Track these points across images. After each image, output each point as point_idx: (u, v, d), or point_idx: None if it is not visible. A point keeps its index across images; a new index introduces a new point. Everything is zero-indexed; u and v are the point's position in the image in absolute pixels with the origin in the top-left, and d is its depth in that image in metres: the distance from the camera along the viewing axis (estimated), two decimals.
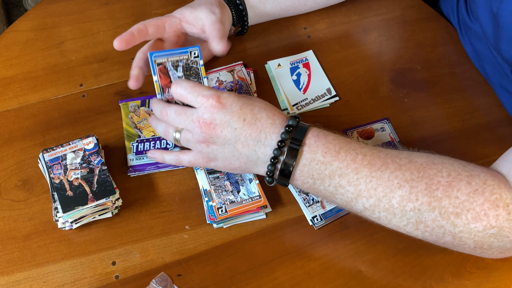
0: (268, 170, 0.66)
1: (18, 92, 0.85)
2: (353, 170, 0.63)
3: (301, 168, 0.65)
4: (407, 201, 0.61)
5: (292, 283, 0.70)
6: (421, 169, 0.62)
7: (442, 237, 0.63)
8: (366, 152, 0.63)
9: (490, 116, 0.84)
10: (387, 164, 0.62)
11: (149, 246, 0.72)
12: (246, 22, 0.86)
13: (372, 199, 0.63)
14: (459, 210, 0.60)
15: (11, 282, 0.69)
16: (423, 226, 0.62)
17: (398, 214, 0.62)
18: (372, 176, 0.62)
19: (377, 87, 0.87)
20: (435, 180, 0.61)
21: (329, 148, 0.64)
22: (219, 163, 0.69)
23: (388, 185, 0.62)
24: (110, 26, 0.92)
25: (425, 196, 0.61)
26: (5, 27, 1.82)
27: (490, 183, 0.61)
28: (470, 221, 0.60)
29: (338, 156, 0.63)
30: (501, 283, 0.71)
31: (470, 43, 0.90)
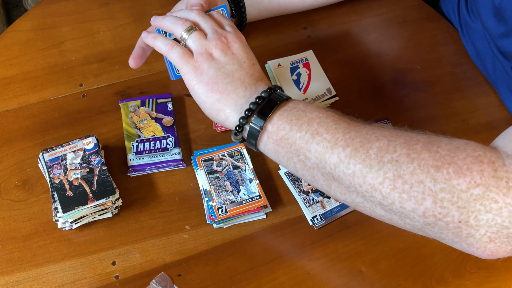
0: (247, 109, 0.64)
1: (18, 92, 0.85)
2: (333, 121, 0.62)
3: (281, 113, 0.63)
4: (385, 151, 0.58)
5: (292, 283, 0.70)
6: (400, 132, 0.60)
7: (421, 199, 0.56)
8: (345, 116, 0.64)
9: (490, 116, 0.84)
10: (366, 125, 0.62)
11: (149, 246, 0.72)
12: (244, 14, 0.86)
13: (348, 149, 0.59)
14: (439, 163, 0.55)
15: (11, 282, 0.69)
16: (401, 183, 0.56)
17: (375, 166, 0.58)
18: (350, 129, 0.61)
19: (377, 87, 0.87)
20: (414, 139, 0.58)
21: (311, 104, 0.65)
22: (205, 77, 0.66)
23: (366, 137, 0.60)
24: (110, 26, 0.92)
25: (403, 148, 0.57)
26: (5, 27, 1.82)
27: (472, 144, 0.57)
28: (452, 176, 0.54)
29: (318, 110, 0.63)
30: (501, 283, 0.71)
31: (471, 42, 0.90)
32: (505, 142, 0.59)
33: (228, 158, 0.77)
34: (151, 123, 0.80)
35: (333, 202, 0.76)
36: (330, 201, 0.76)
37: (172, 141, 0.79)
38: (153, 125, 0.80)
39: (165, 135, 0.79)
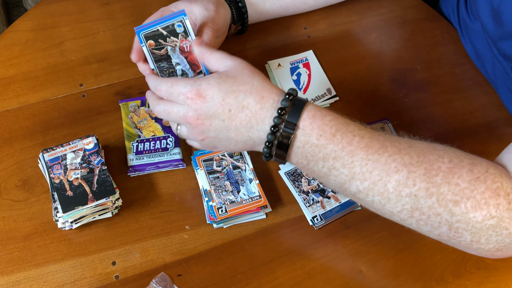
0: (264, 152, 0.63)
1: (18, 92, 0.85)
2: (348, 153, 0.60)
3: (295, 150, 0.62)
4: (403, 186, 0.58)
5: (292, 283, 0.70)
6: (421, 154, 0.59)
7: (437, 226, 0.59)
8: (364, 135, 0.60)
9: (490, 116, 0.84)
10: (386, 147, 0.60)
11: (149, 246, 0.72)
12: (246, 20, 0.86)
13: (366, 182, 0.60)
14: (458, 198, 0.57)
15: (11, 282, 0.69)
16: (419, 214, 0.59)
17: (393, 199, 0.59)
18: (368, 159, 0.59)
19: (377, 87, 0.87)
20: (435, 166, 0.58)
21: (324, 130, 0.60)
22: (221, 149, 0.67)
23: (385, 168, 0.59)
24: (110, 26, 0.92)
25: (423, 182, 0.58)
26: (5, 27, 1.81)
27: (492, 172, 0.58)
28: (469, 210, 0.57)
29: (333, 139, 0.60)
30: (501, 283, 0.71)
31: (471, 42, 0.90)
32: (510, 159, 0.60)
33: (228, 158, 0.77)
34: (151, 123, 0.80)
35: (333, 202, 0.76)
36: (330, 201, 0.76)
37: (172, 141, 0.79)
38: (153, 125, 0.80)
39: (165, 135, 0.79)
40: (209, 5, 0.77)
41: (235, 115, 0.62)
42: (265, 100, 0.61)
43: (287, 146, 0.61)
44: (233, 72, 0.63)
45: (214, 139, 0.65)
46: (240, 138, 0.64)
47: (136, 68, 0.87)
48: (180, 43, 0.68)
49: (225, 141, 0.64)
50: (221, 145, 0.65)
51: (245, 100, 0.61)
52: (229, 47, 0.89)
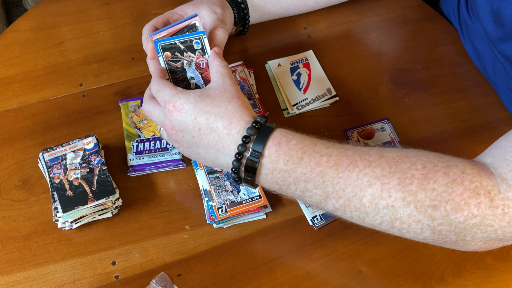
0: (232, 177, 0.64)
1: (18, 92, 0.85)
2: (318, 173, 0.60)
3: (264, 177, 0.63)
4: (379, 198, 0.58)
5: (292, 283, 0.70)
6: (393, 164, 0.58)
7: (420, 232, 0.59)
8: (331, 153, 0.60)
9: (490, 116, 0.84)
10: (355, 162, 0.59)
11: (149, 246, 0.72)
12: (247, 21, 0.86)
13: (341, 200, 0.60)
14: (436, 202, 0.56)
15: (11, 282, 0.69)
16: (399, 223, 0.59)
17: (370, 213, 0.59)
18: (339, 177, 0.59)
19: (377, 87, 0.87)
20: (408, 174, 0.57)
21: (291, 155, 0.60)
22: (194, 159, 0.69)
23: (357, 184, 0.58)
24: (110, 26, 0.92)
25: (398, 192, 0.57)
26: (5, 27, 1.81)
27: (469, 172, 0.57)
28: (450, 212, 0.56)
29: (301, 163, 0.60)
30: (501, 283, 0.71)
31: (471, 42, 0.90)
32: (498, 159, 0.59)
33: None
34: (151, 123, 0.80)
35: None
36: None
37: None
38: (153, 125, 0.80)
39: None
40: (215, 8, 0.78)
41: (204, 135, 0.63)
42: (232, 126, 0.62)
43: (254, 173, 0.62)
44: (214, 92, 0.64)
45: (187, 150, 0.67)
46: (208, 156, 0.65)
47: (136, 68, 0.88)
48: (196, 59, 0.69)
49: (196, 154, 0.67)
50: (193, 157, 0.68)
51: (214, 123, 0.63)
52: (229, 47, 0.89)
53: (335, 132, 0.82)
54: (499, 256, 0.73)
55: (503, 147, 0.60)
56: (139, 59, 0.88)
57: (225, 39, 0.75)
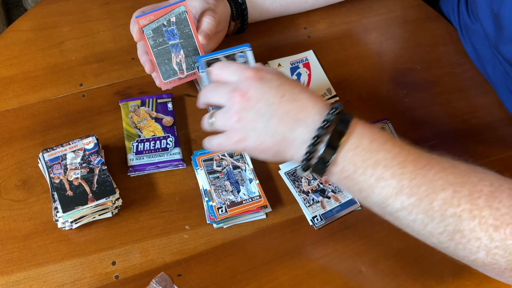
0: (306, 152, 0.59)
1: (18, 92, 0.85)
2: (399, 163, 0.57)
3: (345, 154, 0.58)
4: (449, 205, 0.56)
5: (292, 283, 0.70)
6: (465, 175, 0.58)
7: (475, 252, 0.57)
8: (410, 149, 0.59)
9: (490, 116, 0.84)
10: (432, 164, 0.58)
11: (149, 246, 0.72)
12: (245, 17, 0.86)
13: (413, 198, 0.57)
14: (498, 223, 0.55)
15: (11, 282, 0.69)
16: (459, 237, 0.57)
17: (437, 218, 0.57)
18: (416, 173, 0.57)
19: (377, 87, 0.87)
20: (478, 188, 0.56)
21: (375, 137, 0.58)
22: (250, 143, 0.61)
23: (432, 185, 0.57)
24: (110, 26, 0.92)
25: (467, 203, 0.56)
26: (5, 27, 1.81)
27: None
28: (508, 237, 0.55)
29: (384, 146, 0.58)
30: (501, 283, 0.71)
31: (471, 43, 0.90)
32: None
33: (228, 158, 0.77)
34: (151, 123, 0.80)
35: (333, 202, 0.76)
36: (330, 201, 0.76)
37: (172, 141, 0.79)
38: (153, 125, 0.80)
39: (165, 135, 0.79)
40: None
41: (285, 102, 0.59)
42: (318, 101, 0.60)
43: (337, 146, 0.58)
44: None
45: (251, 122, 0.60)
46: (280, 129, 0.60)
47: (136, 68, 0.88)
48: None
49: (262, 129, 0.60)
50: (254, 135, 0.61)
51: (299, 95, 0.60)
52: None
53: None
54: None
55: None
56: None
57: (212, 27, 0.73)
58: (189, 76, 0.77)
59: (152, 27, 0.73)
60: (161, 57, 0.75)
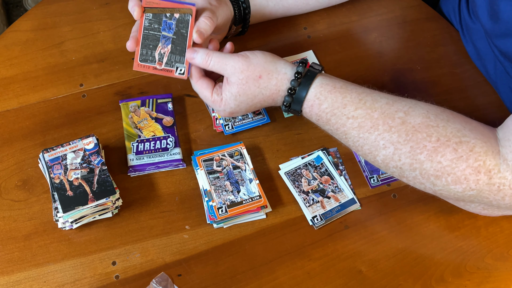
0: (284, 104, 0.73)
1: (18, 92, 0.85)
2: (342, 132, 0.70)
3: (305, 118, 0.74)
4: (389, 160, 0.67)
5: (292, 283, 0.70)
6: (411, 132, 0.65)
7: (423, 189, 0.68)
8: (358, 115, 0.68)
9: (490, 116, 0.84)
10: (377, 125, 0.67)
11: (149, 246, 0.72)
12: (247, 21, 0.86)
13: (359, 152, 0.70)
14: (439, 173, 0.64)
15: (11, 282, 0.69)
16: (405, 180, 0.68)
17: (382, 167, 0.69)
18: (359, 137, 0.68)
19: (377, 87, 0.87)
20: (421, 144, 0.64)
21: (320, 116, 0.70)
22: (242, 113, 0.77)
23: (374, 145, 0.67)
24: (110, 26, 0.92)
25: (407, 158, 0.65)
26: (5, 27, 1.81)
27: (477, 150, 0.63)
28: (450, 183, 0.64)
29: (328, 123, 0.70)
30: (501, 283, 0.71)
31: (472, 42, 0.90)
32: (504, 139, 0.65)
33: (228, 158, 0.77)
34: (151, 123, 0.80)
35: (333, 202, 0.76)
36: (330, 201, 0.76)
37: (172, 141, 0.79)
38: (153, 125, 0.80)
39: (165, 135, 0.79)
40: (211, 0, 0.77)
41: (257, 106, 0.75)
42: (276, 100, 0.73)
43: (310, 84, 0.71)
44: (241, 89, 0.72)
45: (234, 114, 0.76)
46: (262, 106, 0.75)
47: None
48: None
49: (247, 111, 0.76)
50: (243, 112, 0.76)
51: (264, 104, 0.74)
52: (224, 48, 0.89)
53: None
54: (499, 256, 0.73)
55: (509, 126, 0.65)
56: None
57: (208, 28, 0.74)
58: (164, 71, 0.74)
59: (154, 11, 0.74)
60: (148, 41, 0.74)
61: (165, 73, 0.75)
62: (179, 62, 0.74)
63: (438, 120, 0.66)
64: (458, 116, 0.68)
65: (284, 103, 0.72)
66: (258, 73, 0.71)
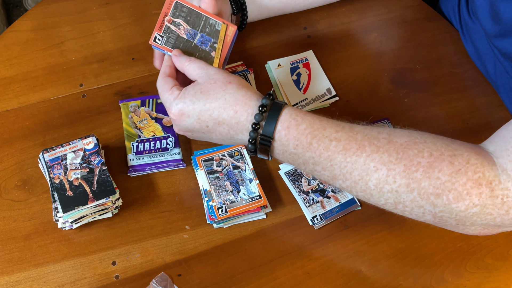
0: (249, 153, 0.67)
1: (18, 92, 0.85)
2: (326, 158, 0.62)
3: (276, 155, 0.66)
4: (384, 183, 0.60)
5: (292, 283, 0.70)
6: (401, 150, 0.60)
7: (422, 216, 0.62)
8: (340, 137, 0.62)
9: (490, 116, 0.84)
10: (364, 147, 0.61)
11: (149, 246, 0.72)
12: (245, 11, 0.85)
13: (348, 181, 0.62)
14: (439, 191, 0.59)
15: (11, 282, 0.69)
16: (402, 206, 0.62)
17: (375, 195, 0.62)
18: (347, 162, 0.61)
19: (377, 87, 0.87)
20: (415, 161, 0.59)
21: (300, 140, 0.62)
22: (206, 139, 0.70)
23: (364, 169, 0.61)
24: (110, 26, 0.92)
25: (403, 178, 0.60)
26: (5, 27, 1.81)
27: (473, 162, 0.59)
28: (452, 201, 0.59)
29: (310, 148, 0.62)
30: (501, 283, 0.71)
31: (472, 42, 0.90)
32: (500, 149, 0.61)
33: (228, 158, 0.77)
34: (151, 123, 0.80)
35: (333, 202, 0.76)
36: (330, 201, 0.76)
37: (172, 141, 0.79)
38: (153, 125, 0.80)
39: (165, 135, 0.79)
40: None
41: (213, 129, 0.66)
42: (239, 115, 0.64)
43: (268, 155, 0.65)
44: (206, 86, 0.65)
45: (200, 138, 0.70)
46: (224, 141, 0.68)
47: (136, 68, 0.88)
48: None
49: (211, 140, 0.69)
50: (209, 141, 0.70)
51: (220, 117, 0.64)
52: None
53: None
54: (499, 256, 0.73)
55: (504, 136, 0.62)
56: (139, 59, 0.89)
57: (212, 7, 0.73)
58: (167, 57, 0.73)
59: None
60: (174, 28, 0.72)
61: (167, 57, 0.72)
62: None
63: (424, 137, 0.62)
64: (440, 136, 0.63)
65: (254, 123, 0.63)
66: (229, 80, 0.65)
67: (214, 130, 0.65)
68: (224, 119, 0.64)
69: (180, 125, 0.67)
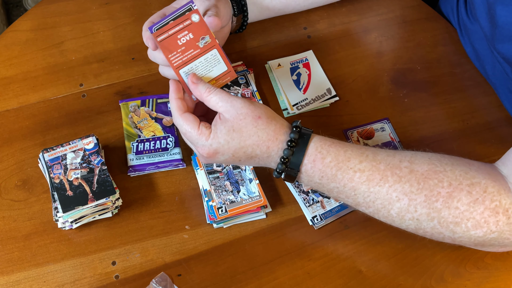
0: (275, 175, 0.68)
1: (18, 92, 0.85)
2: (350, 188, 0.64)
3: (302, 182, 0.68)
4: (405, 212, 0.63)
5: (292, 283, 0.70)
6: (421, 180, 0.63)
7: (441, 239, 0.66)
8: (364, 168, 0.64)
9: (490, 116, 0.84)
10: (386, 177, 0.63)
11: (149, 246, 0.72)
12: (246, 13, 0.85)
13: (371, 209, 0.65)
14: (458, 220, 0.62)
15: (11, 282, 0.69)
16: (423, 232, 0.65)
17: (397, 221, 0.65)
18: (370, 192, 0.64)
19: (377, 87, 0.87)
20: (435, 192, 0.62)
21: (325, 172, 0.65)
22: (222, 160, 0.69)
23: (386, 198, 0.63)
24: (110, 26, 0.92)
25: (424, 208, 0.62)
26: (5, 27, 1.81)
27: (490, 191, 0.62)
28: (470, 229, 0.62)
29: (335, 179, 0.65)
30: (501, 283, 0.71)
31: (470, 43, 0.90)
32: (510, 169, 0.64)
33: None
34: (151, 123, 0.80)
35: (333, 202, 0.76)
36: (330, 201, 0.76)
37: (172, 141, 0.79)
38: (153, 125, 0.80)
39: (165, 135, 0.79)
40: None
41: (245, 162, 0.68)
42: (270, 150, 0.66)
43: (293, 180, 0.67)
44: (237, 124, 0.64)
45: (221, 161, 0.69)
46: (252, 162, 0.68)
47: (136, 68, 0.88)
48: (242, 91, 0.78)
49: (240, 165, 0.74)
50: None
51: (253, 153, 0.66)
52: (229, 47, 0.89)
53: (335, 132, 0.82)
54: (499, 256, 0.73)
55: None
56: (139, 59, 0.89)
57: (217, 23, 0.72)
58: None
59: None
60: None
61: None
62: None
63: (443, 165, 0.64)
64: (459, 159, 0.65)
65: (282, 157, 0.65)
66: (258, 114, 0.65)
67: (245, 162, 0.68)
68: (256, 154, 0.66)
69: (213, 161, 0.68)
